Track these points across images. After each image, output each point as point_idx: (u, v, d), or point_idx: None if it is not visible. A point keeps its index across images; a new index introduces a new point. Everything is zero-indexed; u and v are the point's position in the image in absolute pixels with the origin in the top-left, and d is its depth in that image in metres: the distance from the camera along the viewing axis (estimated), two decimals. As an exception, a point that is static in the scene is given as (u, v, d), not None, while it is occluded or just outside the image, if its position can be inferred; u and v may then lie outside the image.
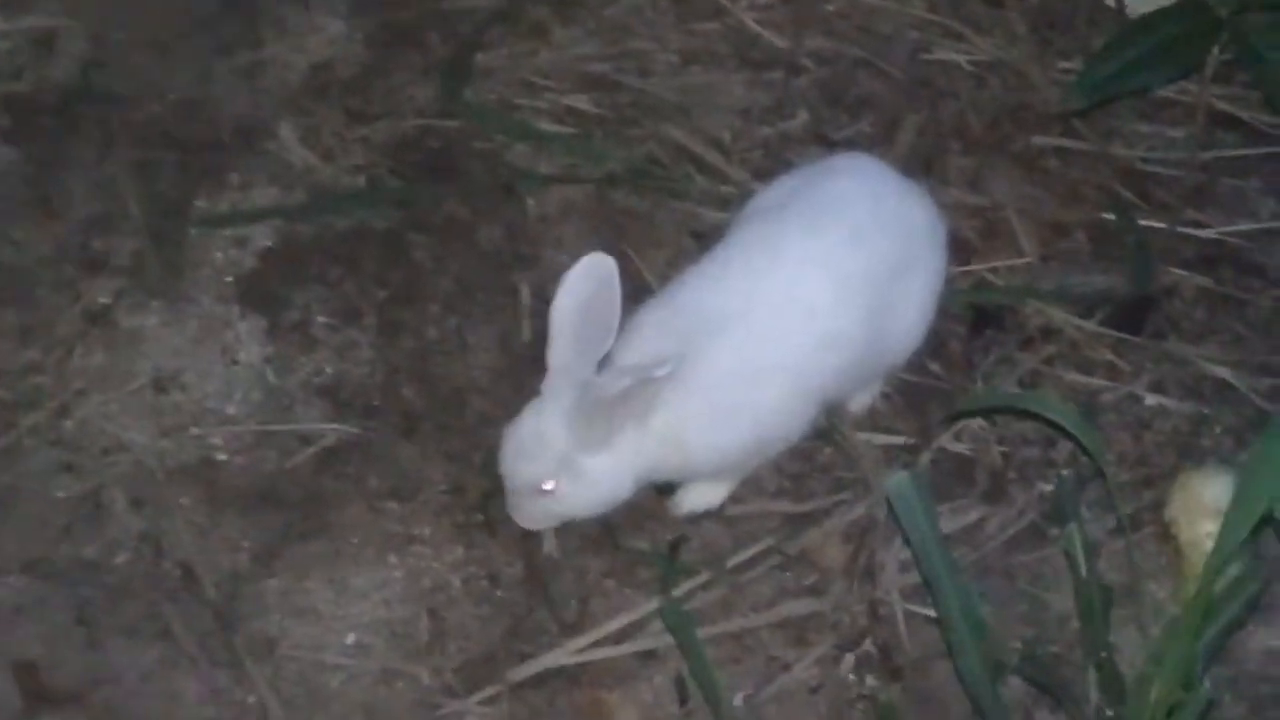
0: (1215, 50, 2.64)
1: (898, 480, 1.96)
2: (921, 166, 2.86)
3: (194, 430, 2.50)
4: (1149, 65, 2.57)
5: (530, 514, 2.31)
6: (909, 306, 2.38)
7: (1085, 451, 2.45)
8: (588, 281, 2.22)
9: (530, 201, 2.78)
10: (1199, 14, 2.56)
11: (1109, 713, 1.99)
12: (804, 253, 2.29)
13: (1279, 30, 2.54)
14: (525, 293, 2.67)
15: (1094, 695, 2.04)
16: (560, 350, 2.24)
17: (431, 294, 2.66)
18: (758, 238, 2.33)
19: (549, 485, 2.24)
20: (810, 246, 2.29)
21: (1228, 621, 1.90)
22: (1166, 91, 2.96)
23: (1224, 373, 2.61)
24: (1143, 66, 2.58)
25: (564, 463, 2.23)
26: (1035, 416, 2.34)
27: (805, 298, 2.27)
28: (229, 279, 2.68)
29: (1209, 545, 2.14)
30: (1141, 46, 2.58)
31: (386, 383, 2.55)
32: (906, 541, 2.15)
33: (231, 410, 2.53)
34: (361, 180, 2.81)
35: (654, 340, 2.24)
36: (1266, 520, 1.77)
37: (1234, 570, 1.99)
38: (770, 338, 2.25)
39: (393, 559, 2.38)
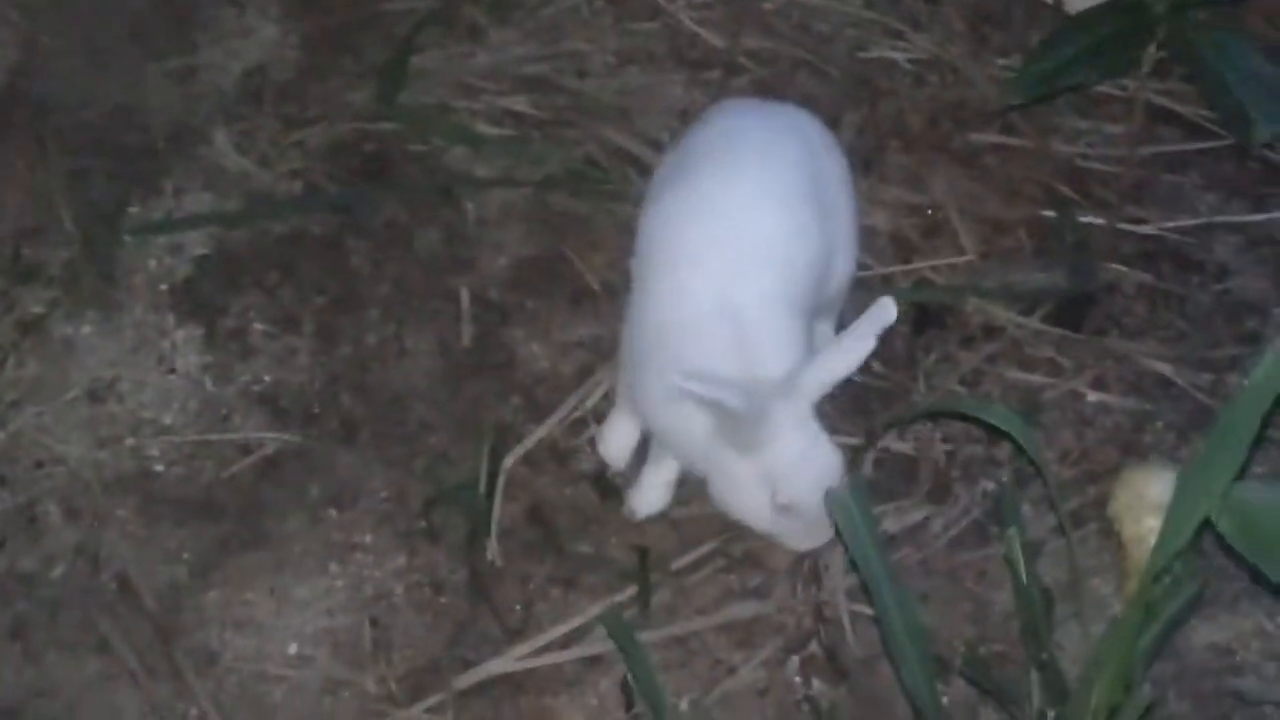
0: (1152, 47, 2.65)
1: (837, 491, 1.95)
2: (861, 165, 2.85)
3: (130, 441, 2.47)
4: (1086, 62, 2.58)
5: None
6: (843, 214, 2.38)
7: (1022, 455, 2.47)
8: None
9: (468, 205, 2.76)
10: (1135, 11, 2.57)
11: (1051, 714, 1.99)
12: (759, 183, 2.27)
13: (1215, 28, 2.55)
14: (464, 297, 2.64)
15: (1036, 697, 2.03)
16: None
17: (370, 300, 2.63)
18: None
19: None
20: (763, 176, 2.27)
21: (1168, 621, 1.89)
22: (1105, 87, 2.97)
23: (1165, 368, 2.62)
24: (1080, 63, 2.58)
25: None
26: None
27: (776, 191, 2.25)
28: (164, 287, 2.65)
29: (1152, 541, 2.14)
30: (1079, 43, 2.58)
31: (325, 390, 2.53)
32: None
33: (168, 420, 2.50)
34: (297, 186, 2.79)
35: None
36: (1206, 523, 1.76)
37: (1175, 569, 1.98)
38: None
39: (334, 568, 2.35)
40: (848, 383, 2.47)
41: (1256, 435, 1.73)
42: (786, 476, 2.13)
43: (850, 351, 2.13)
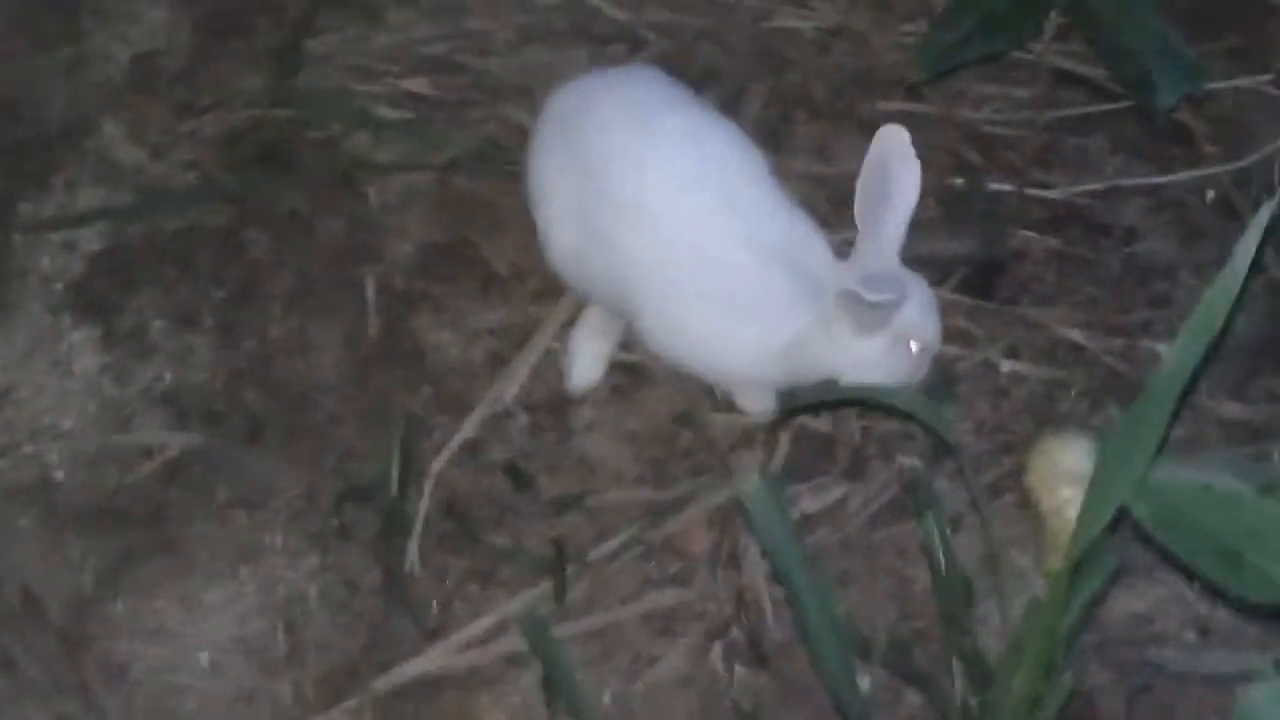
0: (1053, 13, 2.63)
1: (750, 486, 1.92)
2: (768, 138, 2.82)
3: (28, 448, 2.40)
4: (988, 32, 2.55)
5: None
6: None
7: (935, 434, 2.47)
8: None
9: (370, 191, 2.70)
10: (1033, -24, 2.55)
11: (974, 701, 1.98)
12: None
13: (1114, -13, 2.53)
14: (370, 286, 2.59)
15: (959, 684, 2.03)
16: None
17: (272, 292, 2.57)
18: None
19: None
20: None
21: (1088, 600, 1.88)
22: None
23: (1077, 335, 2.61)
24: (981, 35, 2.55)
25: None
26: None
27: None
28: (58, 286, 2.57)
29: (1070, 512, 2.15)
30: (980, 13, 2.55)
31: (229, 388, 2.47)
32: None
33: (68, 424, 2.43)
34: (192, 177, 2.71)
35: None
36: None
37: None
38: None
39: (245, 572, 2.30)
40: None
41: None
42: (921, 324, 2.28)
43: (905, 180, 2.25)
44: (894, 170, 2.25)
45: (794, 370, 2.34)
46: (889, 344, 2.27)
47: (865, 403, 2.33)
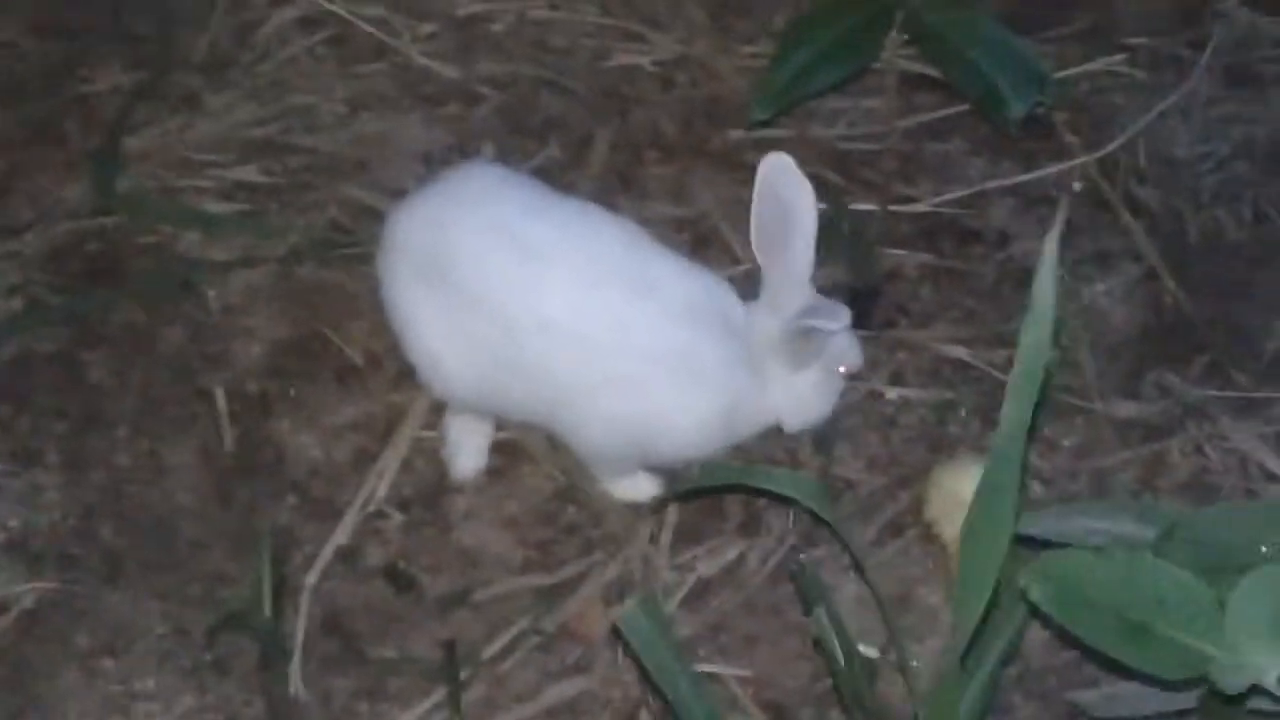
0: (894, 32, 2.55)
1: (627, 612, 1.80)
2: (620, 183, 2.72)
3: None
4: (827, 63, 2.47)
5: None
6: None
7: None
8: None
9: (210, 293, 2.56)
10: (870, 2, 2.45)
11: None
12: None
13: (953, 8, 2.44)
14: (220, 395, 2.45)
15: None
16: None
17: (116, 417, 2.42)
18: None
19: None
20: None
21: (1001, 651, 1.79)
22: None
23: (960, 352, 2.53)
24: (821, 66, 2.47)
25: None
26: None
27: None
28: (-113, 436, 2.41)
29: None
30: (818, 43, 2.46)
31: (81, 526, 2.32)
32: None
33: (-90, 585, 2.28)
34: (18, 302, 2.55)
35: None
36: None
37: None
38: None
39: (117, 723, 2.16)
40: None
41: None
42: (850, 347, 2.25)
43: (800, 204, 2.16)
44: (786, 197, 2.16)
45: (734, 432, 2.26)
46: (823, 375, 2.24)
47: (744, 489, 2.21)
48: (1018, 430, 1.58)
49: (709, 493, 2.32)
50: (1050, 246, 1.61)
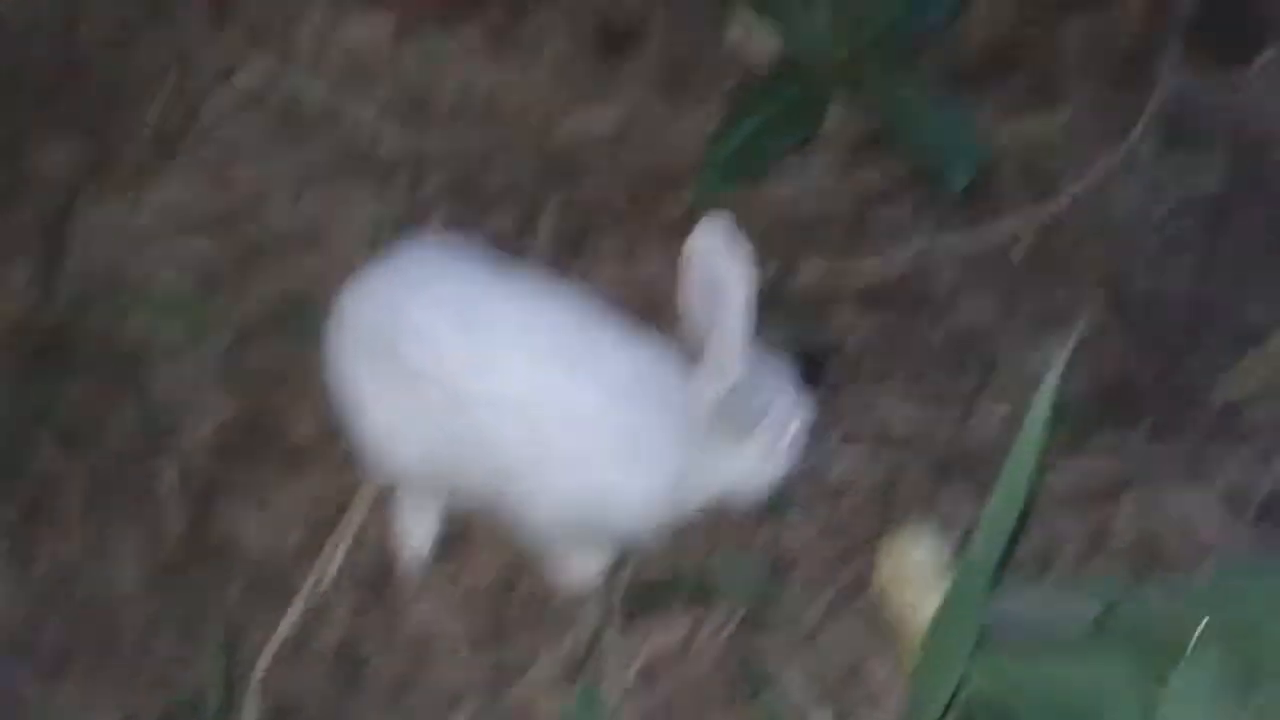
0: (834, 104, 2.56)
1: (565, 708, 1.80)
2: (570, 250, 2.73)
3: None
4: (770, 135, 2.48)
5: None
6: None
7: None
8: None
9: (158, 373, 2.55)
10: (808, 73, 2.46)
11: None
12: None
13: (892, 73, 2.45)
14: (170, 477, 2.44)
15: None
16: None
17: (63, 504, 2.41)
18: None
19: None
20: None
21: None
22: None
23: (909, 413, 2.54)
24: (763, 139, 2.48)
25: None
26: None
27: None
28: None
29: (926, 611, 2.08)
30: (760, 116, 2.47)
31: (27, 620, 2.31)
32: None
33: None
34: (-37, 390, 2.55)
35: None
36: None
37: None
38: None
39: (66, 823, 2.15)
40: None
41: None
42: (794, 404, 2.26)
43: (729, 277, 2.11)
44: (720, 263, 2.14)
45: (682, 503, 2.26)
46: (769, 441, 2.24)
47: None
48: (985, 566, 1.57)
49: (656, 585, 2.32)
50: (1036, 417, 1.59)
